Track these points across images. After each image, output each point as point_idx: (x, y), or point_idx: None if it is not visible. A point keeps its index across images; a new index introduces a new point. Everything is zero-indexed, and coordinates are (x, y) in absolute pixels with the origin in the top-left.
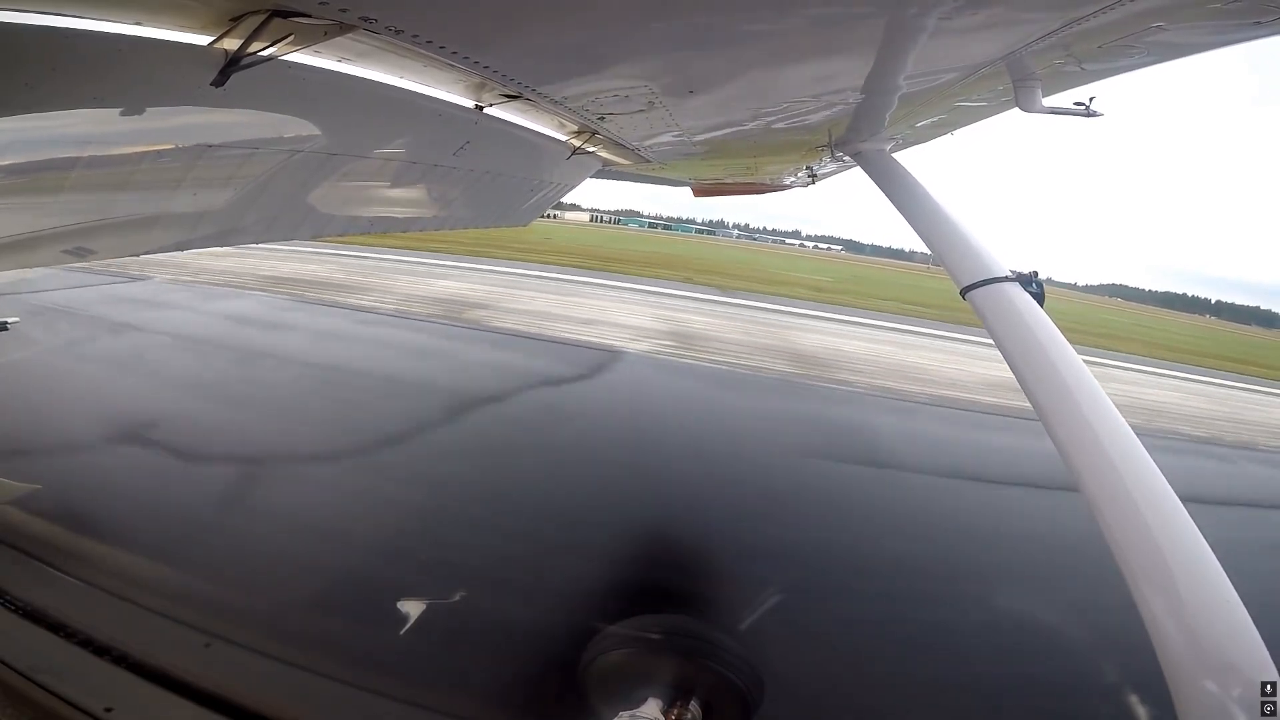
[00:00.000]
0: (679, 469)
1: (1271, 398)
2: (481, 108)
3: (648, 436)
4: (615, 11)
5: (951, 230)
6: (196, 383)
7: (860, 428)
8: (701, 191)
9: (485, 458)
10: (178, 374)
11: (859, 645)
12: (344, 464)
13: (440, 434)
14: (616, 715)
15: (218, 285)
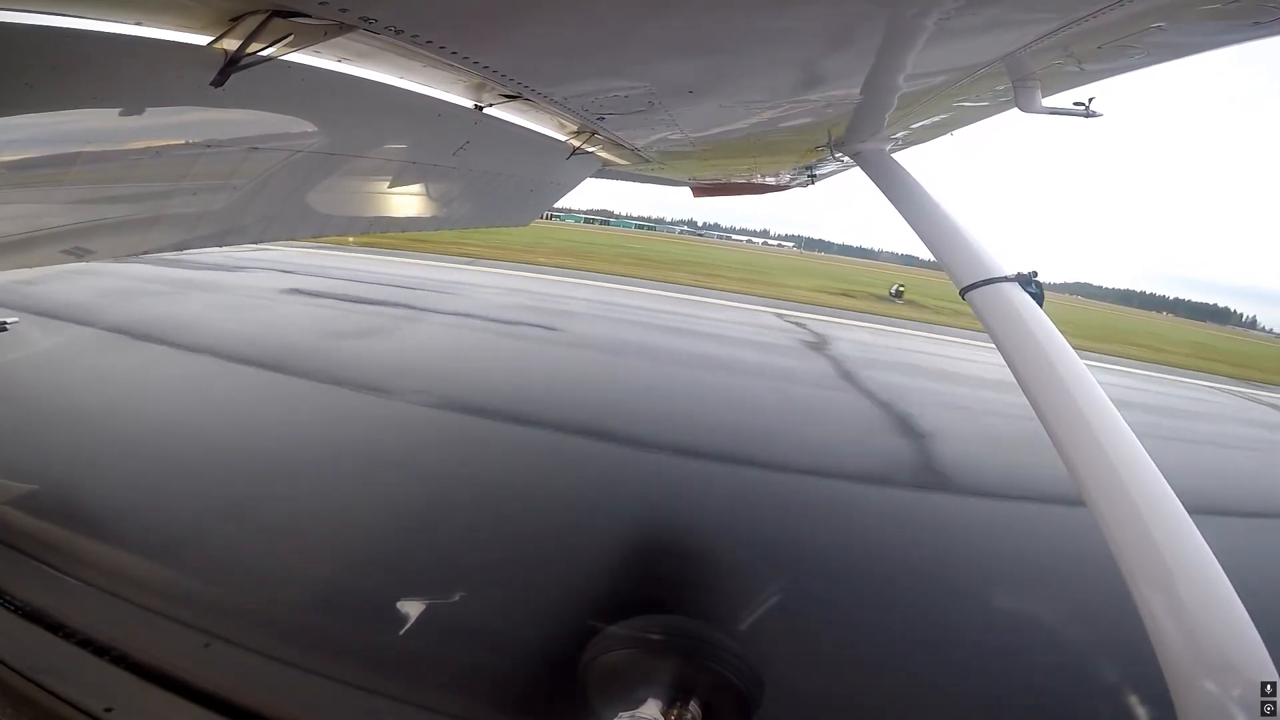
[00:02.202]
0: None
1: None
2: (481, 108)
3: None
4: (615, 11)
5: (951, 230)
6: None
7: None
8: (701, 192)
9: None
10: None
11: None
12: None
13: None
14: (616, 715)
15: None
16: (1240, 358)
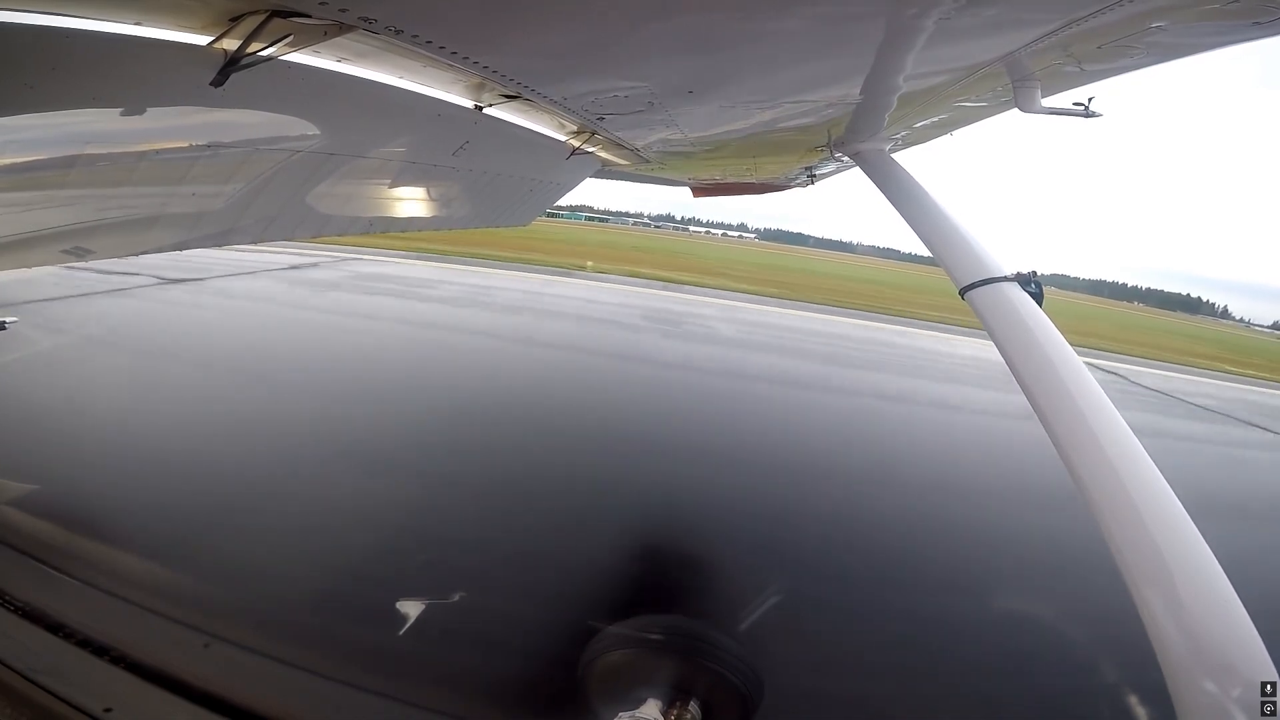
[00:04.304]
0: None
1: None
2: (481, 108)
3: None
4: (615, 11)
5: (950, 230)
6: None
7: None
8: (701, 192)
9: None
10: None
11: None
12: None
13: None
14: (616, 716)
15: None
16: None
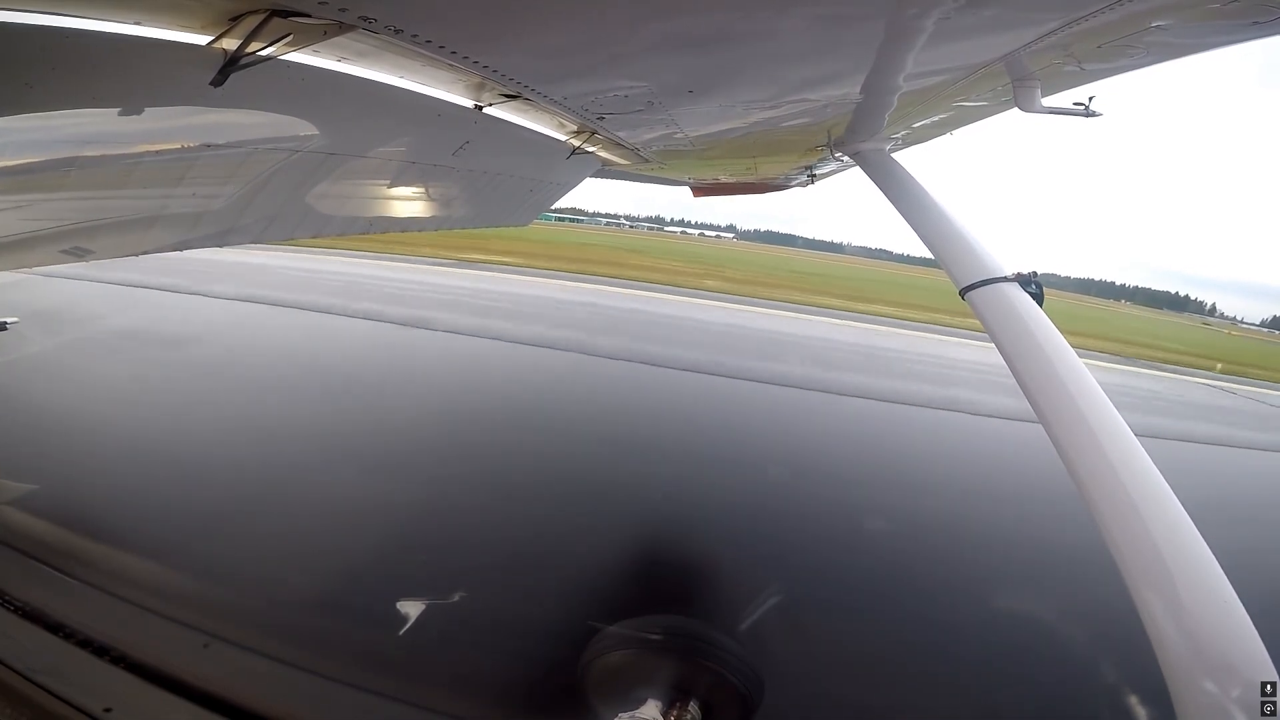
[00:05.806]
0: None
1: None
2: (481, 107)
3: None
4: (615, 11)
5: (951, 230)
6: None
7: None
8: (701, 191)
9: None
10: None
11: None
12: None
13: None
14: (616, 716)
15: None
16: None
